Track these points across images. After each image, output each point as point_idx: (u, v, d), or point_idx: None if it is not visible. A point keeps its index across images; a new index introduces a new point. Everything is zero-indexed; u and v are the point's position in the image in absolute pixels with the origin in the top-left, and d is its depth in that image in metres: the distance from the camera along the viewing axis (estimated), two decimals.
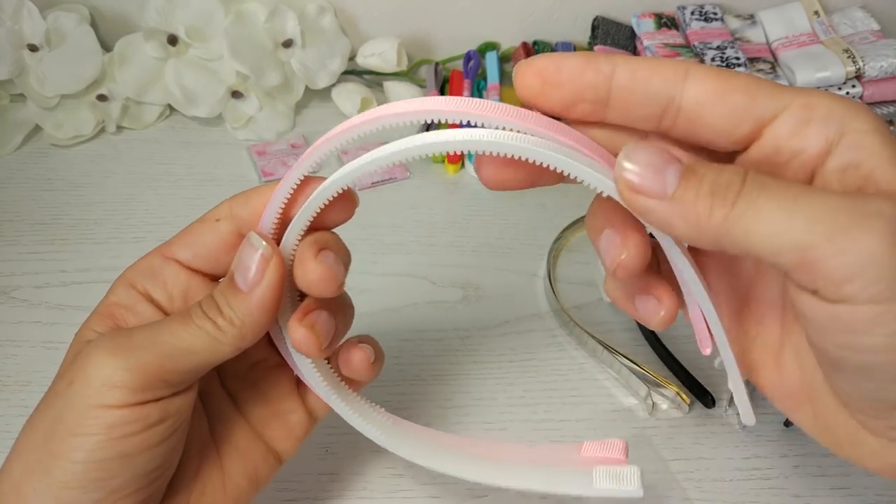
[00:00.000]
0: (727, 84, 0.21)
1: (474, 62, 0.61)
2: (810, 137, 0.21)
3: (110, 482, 0.23)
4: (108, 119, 0.58)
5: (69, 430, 0.23)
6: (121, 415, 0.23)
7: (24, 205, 0.53)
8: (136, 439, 0.23)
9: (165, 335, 0.24)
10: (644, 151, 0.20)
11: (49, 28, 0.56)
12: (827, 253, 0.18)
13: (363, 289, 0.47)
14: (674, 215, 0.20)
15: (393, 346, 0.44)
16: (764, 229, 0.19)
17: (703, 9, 0.59)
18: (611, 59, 0.22)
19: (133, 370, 0.23)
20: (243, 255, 0.25)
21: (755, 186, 0.19)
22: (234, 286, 0.25)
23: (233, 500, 0.28)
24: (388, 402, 0.40)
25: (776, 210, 0.19)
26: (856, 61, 0.54)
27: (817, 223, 0.18)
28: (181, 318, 0.25)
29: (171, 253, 0.27)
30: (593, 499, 0.27)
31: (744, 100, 0.21)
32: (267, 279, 0.24)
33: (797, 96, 0.21)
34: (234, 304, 0.25)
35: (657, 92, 0.21)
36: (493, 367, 0.42)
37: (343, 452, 0.38)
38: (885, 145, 0.20)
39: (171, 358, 0.24)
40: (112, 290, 0.27)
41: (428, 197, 0.54)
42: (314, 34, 0.60)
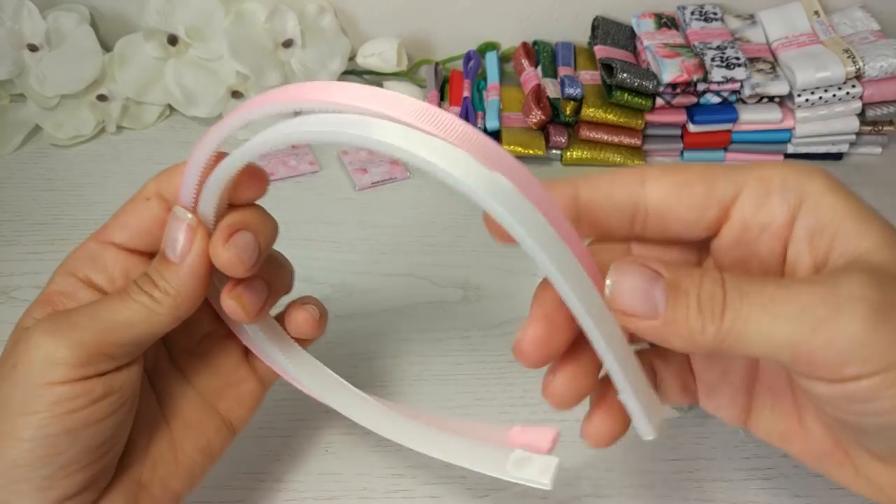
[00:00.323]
0: (684, 177, 0.23)
1: (474, 62, 0.61)
2: (774, 209, 0.22)
3: (58, 458, 0.24)
4: (108, 119, 0.58)
5: (17, 410, 0.24)
6: (65, 391, 0.24)
7: (24, 205, 0.53)
8: (81, 414, 0.24)
9: (103, 311, 0.25)
10: (629, 276, 0.21)
11: (49, 28, 0.56)
12: (816, 346, 0.19)
13: (364, 289, 0.47)
14: (669, 334, 0.21)
15: (393, 346, 0.44)
16: (753, 336, 0.20)
17: (703, 9, 0.59)
18: (571, 182, 0.23)
19: (73, 346, 0.24)
20: (170, 228, 0.26)
21: (736, 295, 0.20)
22: (165, 259, 0.26)
23: (186, 473, 0.29)
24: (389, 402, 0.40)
25: (760, 315, 0.20)
26: (856, 61, 0.54)
27: (799, 321, 0.19)
28: (118, 295, 0.26)
29: (106, 237, 0.28)
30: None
31: (703, 188, 0.22)
32: (195, 248, 0.26)
33: (752, 172, 0.22)
34: (167, 275, 0.26)
35: (621, 202, 0.23)
36: (493, 367, 0.42)
37: (343, 452, 0.38)
38: (843, 203, 0.21)
39: (110, 332, 0.25)
40: (52, 280, 0.28)
41: (428, 197, 0.54)
42: (314, 34, 0.60)
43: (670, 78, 0.53)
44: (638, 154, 0.57)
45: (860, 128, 0.56)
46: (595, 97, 0.56)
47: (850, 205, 0.21)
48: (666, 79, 0.54)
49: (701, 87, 0.55)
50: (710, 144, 0.57)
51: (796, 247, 0.22)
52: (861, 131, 0.57)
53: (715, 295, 0.20)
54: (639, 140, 0.56)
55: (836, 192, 0.21)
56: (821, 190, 0.21)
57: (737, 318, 0.20)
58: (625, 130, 0.56)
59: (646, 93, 0.54)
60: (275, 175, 0.54)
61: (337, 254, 0.49)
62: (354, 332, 0.44)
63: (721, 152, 0.58)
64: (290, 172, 0.55)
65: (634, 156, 0.57)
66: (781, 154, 0.58)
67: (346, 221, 0.52)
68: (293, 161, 0.56)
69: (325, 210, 0.52)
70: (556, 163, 0.58)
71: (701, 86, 0.55)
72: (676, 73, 0.53)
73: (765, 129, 0.57)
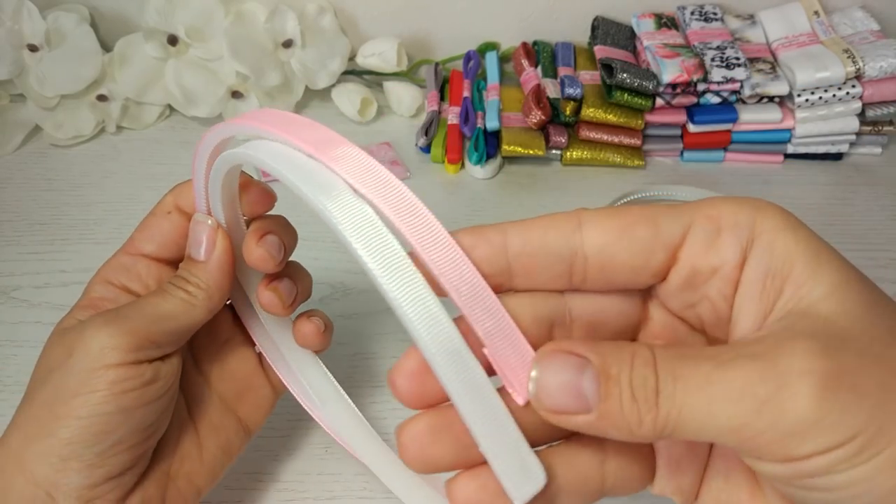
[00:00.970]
0: (625, 219, 0.20)
1: (474, 62, 0.61)
2: (724, 249, 0.20)
3: (112, 435, 0.26)
4: (108, 119, 0.58)
5: (73, 391, 0.26)
6: (121, 372, 0.26)
7: (24, 205, 0.53)
8: (134, 395, 0.26)
9: (148, 306, 0.28)
10: (554, 370, 0.19)
11: (49, 28, 0.56)
12: (760, 428, 0.18)
13: (364, 289, 0.47)
14: (606, 427, 0.19)
15: (393, 346, 0.44)
16: (692, 423, 0.18)
17: (703, 9, 0.59)
18: (500, 228, 0.21)
19: (126, 334, 0.26)
20: (194, 232, 0.29)
21: (669, 379, 0.18)
22: (193, 260, 0.29)
23: (209, 470, 0.31)
24: (389, 401, 0.40)
25: (696, 401, 0.18)
26: (856, 61, 0.54)
27: (739, 403, 0.18)
28: (158, 292, 0.29)
29: (136, 249, 0.30)
30: None
31: (647, 230, 0.20)
32: (218, 246, 0.29)
33: (700, 209, 0.20)
34: (197, 273, 0.29)
35: (556, 249, 0.21)
36: None
37: (343, 452, 0.38)
38: (797, 242, 0.20)
39: (156, 323, 0.27)
40: (90, 287, 0.30)
41: (428, 197, 0.53)
42: (314, 34, 0.60)
43: (670, 78, 0.53)
44: (638, 154, 0.57)
45: (860, 128, 0.56)
46: (595, 97, 0.56)
47: (804, 244, 0.20)
48: (666, 79, 0.54)
49: (701, 88, 0.55)
50: (710, 144, 0.57)
51: (745, 291, 0.20)
52: (861, 131, 0.57)
53: (647, 380, 0.18)
54: (639, 140, 0.56)
55: (790, 229, 0.20)
56: (774, 227, 0.20)
57: (672, 406, 0.18)
58: (625, 130, 0.56)
59: (646, 93, 0.54)
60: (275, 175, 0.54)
61: (337, 254, 0.49)
62: (354, 332, 0.44)
63: (721, 152, 0.58)
64: None
65: (634, 156, 0.57)
66: (781, 154, 0.58)
67: None
68: None
69: None
70: (556, 163, 0.58)
71: (701, 86, 0.55)
72: (676, 74, 0.53)
73: (765, 129, 0.57)
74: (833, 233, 0.51)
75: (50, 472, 0.26)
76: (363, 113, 0.60)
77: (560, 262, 0.21)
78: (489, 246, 0.21)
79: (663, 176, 0.57)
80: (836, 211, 0.54)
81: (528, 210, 0.53)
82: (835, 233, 0.51)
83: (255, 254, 0.29)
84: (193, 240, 0.29)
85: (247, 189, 0.29)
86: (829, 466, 0.18)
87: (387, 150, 0.57)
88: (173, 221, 0.30)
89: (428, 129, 0.57)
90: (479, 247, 0.21)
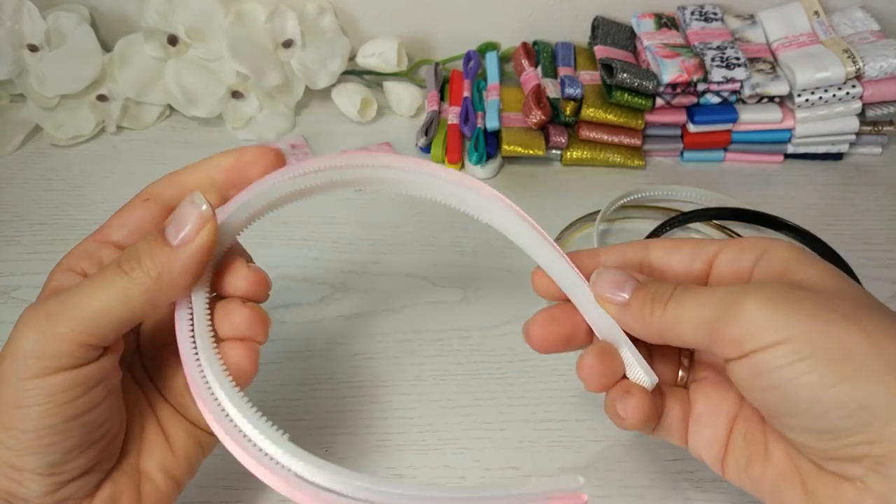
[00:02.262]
0: (678, 244, 0.29)
1: (474, 62, 0.61)
2: (743, 261, 0.28)
3: (62, 444, 0.25)
4: (108, 119, 0.58)
5: (13, 402, 0.24)
6: (58, 380, 0.24)
7: (24, 205, 0.53)
8: (79, 402, 0.25)
9: (81, 299, 0.25)
10: (609, 273, 0.29)
11: (49, 28, 0.56)
12: (724, 323, 0.24)
13: (364, 289, 0.47)
14: (629, 317, 0.28)
15: (393, 346, 0.44)
16: (685, 319, 0.26)
17: (703, 9, 0.59)
18: (593, 256, 0.31)
19: (54, 339, 0.24)
20: (182, 210, 0.26)
21: (680, 291, 0.26)
22: (162, 239, 0.25)
23: (184, 460, 0.30)
24: (389, 402, 0.41)
25: (692, 304, 0.26)
26: (856, 61, 0.54)
27: (716, 305, 0.25)
28: (96, 277, 0.25)
29: (104, 236, 0.28)
30: None
31: (691, 249, 0.29)
32: (200, 238, 0.25)
33: (731, 241, 0.28)
34: (158, 255, 0.25)
35: (632, 260, 0.30)
36: (493, 367, 0.42)
37: (343, 452, 0.38)
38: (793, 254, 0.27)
39: (89, 320, 0.24)
40: (52, 275, 0.28)
41: None
42: (314, 34, 0.60)
43: (670, 78, 0.53)
44: (638, 154, 0.57)
45: (860, 128, 0.56)
46: (595, 97, 0.56)
47: (798, 253, 0.27)
48: (666, 79, 0.54)
49: (701, 88, 0.55)
50: (710, 144, 0.57)
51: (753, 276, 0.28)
52: (861, 131, 0.57)
53: (665, 291, 0.27)
54: (639, 140, 0.56)
55: (791, 249, 0.27)
56: (780, 246, 0.27)
57: (676, 306, 0.26)
58: (625, 130, 0.56)
59: (646, 93, 0.54)
60: None
61: (337, 254, 0.49)
62: (354, 332, 0.44)
63: (721, 152, 0.58)
64: None
65: (634, 156, 0.57)
66: (781, 154, 0.58)
67: (347, 221, 0.52)
68: (293, 161, 0.55)
69: (325, 210, 0.52)
70: (556, 163, 0.58)
71: (701, 86, 0.55)
72: (676, 74, 0.53)
73: (765, 129, 0.57)
74: (833, 233, 0.51)
75: (6, 482, 0.25)
76: (363, 113, 0.60)
77: (632, 267, 0.30)
78: (592, 261, 0.30)
79: (663, 176, 0.57)
80: (836, 211, 0.54)
81: (528, 210, 0.53)
82: (835, 233, 0.51)
83: (251, 276, 0.27)
84: (176, 218, 0.26)
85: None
86: (772, 361, 0.23)
87: (387, 151, 0.57)
88: (149, 209, 0.28)
89: (428, 129, 0.57)
90: (584, 258, 0.30)
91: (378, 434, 0.39)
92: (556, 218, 0.51)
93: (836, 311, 0.23)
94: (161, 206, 0.28)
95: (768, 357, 0.23)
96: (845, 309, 0.24)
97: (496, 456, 0.38)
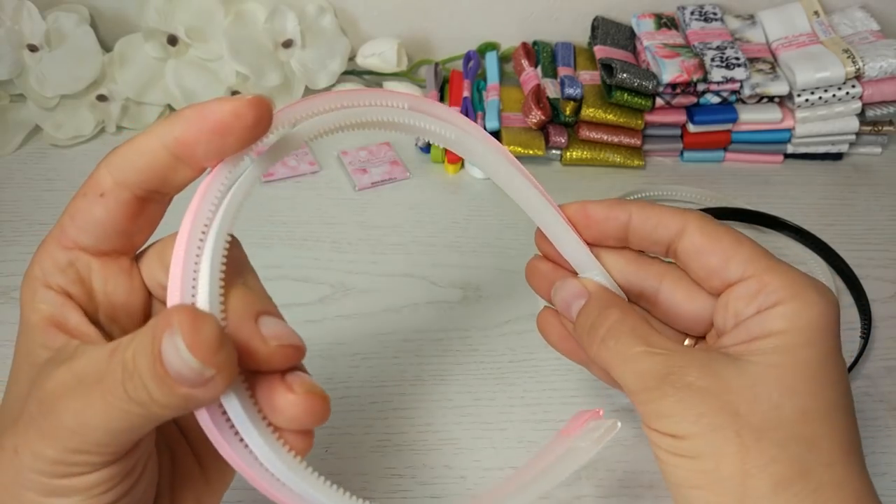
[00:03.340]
0: (711, 246, 0.27)
1: (474, 62, 0.61)
2: (751, 307, 0.26)
3: None
4: (108, 119, 0.58)
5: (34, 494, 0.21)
6: (81, 482, 0.21)
7: (24, 205, 0.53)
8: (112, 492, 0.21)
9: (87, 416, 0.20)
10: (563, 289, 0.30)
11: (49, 28, 0.56)
12: (641, 401, 0.26)
13: (363, 289, 0.47)
14: (578, 337, 0.29)
15: (393, 346, 0.44)
16: (613, 372, 0.27)
17: (703, 9, 0.59)
18: (626, 208, 0.29)
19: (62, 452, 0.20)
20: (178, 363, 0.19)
21: (613, 341, 0.27)
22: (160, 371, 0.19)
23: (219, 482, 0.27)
24: (389, 402, 0.41)
25: (620, 365, 0.27)
26: (855, 61, 0.54)
27: (638, 381, 0.26)
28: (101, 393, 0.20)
29: (70, 241, 0.24)
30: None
31: (718, 262, 0.27)
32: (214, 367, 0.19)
33: (763, 271, 0.26)
34: (155, 391, 0.19)
35: (661, 238, 0.29)
36: (493, 367, 0.42)
37: (343, 452, 0.38)
38: (790, 326, 0.25)
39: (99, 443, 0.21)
40: (25, 295, 0.24)
41: (428, 197, 0.54)
42: (314, 34, 0.60)
43: (670, 78, 0.53)
44: (638, 154, 0.57)
45: (860, 128, 0.56)
46: (595, 97, 0.56)
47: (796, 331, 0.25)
48: (666, 79, 0.54)
49: (701, 88, 0.55)
50: (710, 144, 0.57)
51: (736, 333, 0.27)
52: (861, 131, 0.57)
53: (598, 327, 0.28)
54: (638, 140, 0.56)
55: (799, 319, 0.25)
56: (788, 313, 0.25)
57: (608, 355, 0.27)
58: (624, 130, 0.56)
59: (645, 93, 0.54)
60: (274, 175, 0.54)
61: (337, 254, 0.49)
62: (354, 332, 0.44)
63: (721, 152, 0.58)
64: (290, 172, 0.55)
65: (634, 156, 0.57)
66: (781, 154, 0.58)
67: (346, 221, 0.52)
68: (293, 161, 0.56)
69: (325, 210, 0.52)
70: (556, 163, 0.58)
71: (701, 86, 0.55)
72: (676, 74, 0.54)
73: (765, 129, 0.57)
74: (833, 233, 0.51)
75: None
76: None
77: (661, 246, 0.29)
78: (616, 222, 0.29)
79: (663, 176, 0.57)
80: (836, 211, 0.54)
81: None
82: (835, 233, 0.51)
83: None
84: (177, 363, 0.19)
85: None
86: (659, 444, 0.26)
87: (387, 150, 0.57)
88: (108, 207, 0.23)
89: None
90: (609, 221, 0.29)
91: (378, 434, 0.39)
92: None
93: (735, 426, 0.24)
94: (122, 200, 0.23)
95: (661, 440, 0.26)
96: (747, 427, 0.24)
97: (496, 456, 0.38)
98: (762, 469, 0.24)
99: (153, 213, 0.24)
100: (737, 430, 0.24)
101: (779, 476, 0.24)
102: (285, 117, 0.24)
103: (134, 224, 0.24)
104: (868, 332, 0.45)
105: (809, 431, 0.24)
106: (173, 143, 0.22)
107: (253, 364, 0.21)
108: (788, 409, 0.24)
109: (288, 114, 0.24)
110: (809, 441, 0.24)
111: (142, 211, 0.24)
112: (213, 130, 0.22)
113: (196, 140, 0.22)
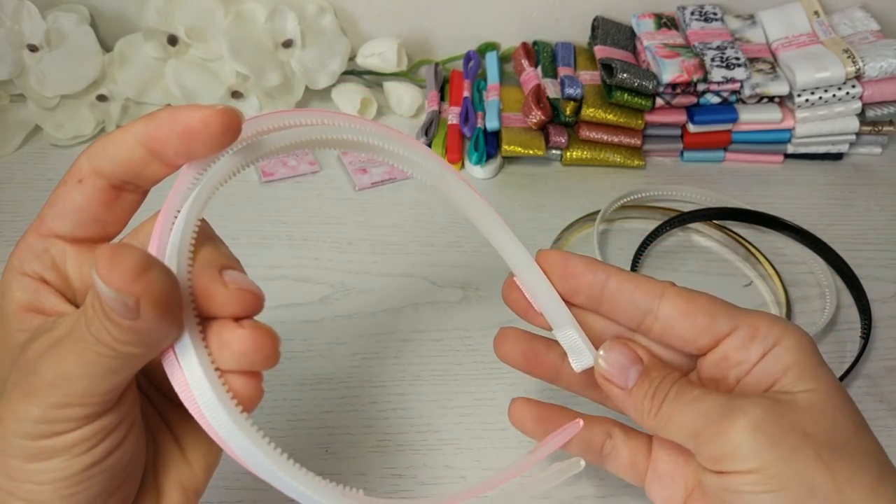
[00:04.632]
0: (694, 306, 0.28)
1: (474, 62, 0.61)
2: (751, 351, 0.27)
3: (86, 493, 0.22)
4: (108, 119, 0.58)
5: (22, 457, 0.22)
6: (66, 440, 0.21)
7: (24, 205, 0.53)
8: (97, 449, 0.22)
9: (64, 366, 0.21)
10: (617, 353, 0.28)
11: (49, 28, 0.56)
12: (707, 438, 0.26)
13: (363, 289, 0.47)
14: (629, 406, 0.28)
15: (393, 346, 0.44)
16: (675, 423, 0.27)
17: (703, 9, 0.59)
18: (606, 269, 0.29)
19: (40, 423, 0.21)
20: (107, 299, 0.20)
21: (675, 394, 0.27)
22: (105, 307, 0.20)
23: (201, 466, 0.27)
24: (389, 402, 0.41)
25: (685, 411, 0.27)
26: (856, 61, 0.54)
27: (703, 418, 0.26)
28: (70, 341, 0.21)
29: (47, 229, 0.25)
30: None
31: (706, 320, 0.28)
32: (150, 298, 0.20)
33: (748, 318, 0.28)
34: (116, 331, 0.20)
35: (639, 304, 0.28)
36: (493, 367, 0.42)
37: (343, 452, 0.38)
38: (800, 357, 0.27)
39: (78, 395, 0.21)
40: (4, 283, 0.25)
41: (428, 197, 0.54)
42: (314, 34, 0.60)
43: (670, 78, 0.53)
44: (638, 154, 0.57)
45: (860, 128, 0.56)
46: (595, 97, 0.56)
47: (807, 355, 0.27)
48: (666, 79, 0.54)
49: (701, 88, 0.55)
50: (710, 144, 0.57)
51: (750, 380, 0.28)
52: (861, 131, 0.57)
53: (664, 388, 0.27)
54: (639, 140, 0.56)
55: (802, 348, 0.27)
56: (790, 345, 0.27)
57: (671, 408, 0.27)
58: (625, 130, 0.56)
59: (646, 93, 0.54)
60: (275, 175, 0.54)
61: (337, 254, 0.49)
62: (354, 332, 0.44)
63: (721, 152, 0.58)
64: (290, 172, 0.55)
65: (634, 156, 0.57)
66: (781, 154, 0.58)
67: (346, 221, 0.52)
68: (293, 161, 0.56)
69: (325, 210, 0.52)
70: (556, 163, 0.58)
71: (701, 86, 0.55)
72: (676, 74, 0.54)
73: (765, 129, 0.57)
74: (833, 233, 0.51)
75: None
76: (363, 113, 0.60)
77: (638, 313, 0.28)
78: (593, 278, 0.29)
79: (663, 176, 0.57)
80: (836, 211, 0.54)
81: (528, 210, 0.53)
82: (835, 233, 0.51)
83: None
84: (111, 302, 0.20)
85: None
86: (741, 486, 0.25)
87: None
88: (86, 192, 0.24)
89: (428, 129, 0.57)
90: (587, 276, 0.29)
91: (378, 434, 0.39)
92: (556, 218, 0.51)
93: (811, 446, 0.25)
94: (99, 187, 0.24)
95: (739, 481, 0.25)
96: (821, 445, 0.25)
97: (496, 456, 0.38)
98: (850, 481, 0.25)
99: (128, 203, 0.25)
100: (815, 450, 0.25)
101: (867, 487, 0.25)
102: (255, 127, 0.24)
103: (109, 212, 0.25)
104: (868, 332, 0.45)
105: (863, 442, 0.26)
106: (146, 140, 0.23)
107: (213, 308, 0.22)
108: (843, 424, 0.26)
109: (257, 124, 0.24)
110: (866, 450, 0.26)
111: (117, 199, 0.25)
112: (182, 133, 0.23)
113: (168, 140, 0.23)
